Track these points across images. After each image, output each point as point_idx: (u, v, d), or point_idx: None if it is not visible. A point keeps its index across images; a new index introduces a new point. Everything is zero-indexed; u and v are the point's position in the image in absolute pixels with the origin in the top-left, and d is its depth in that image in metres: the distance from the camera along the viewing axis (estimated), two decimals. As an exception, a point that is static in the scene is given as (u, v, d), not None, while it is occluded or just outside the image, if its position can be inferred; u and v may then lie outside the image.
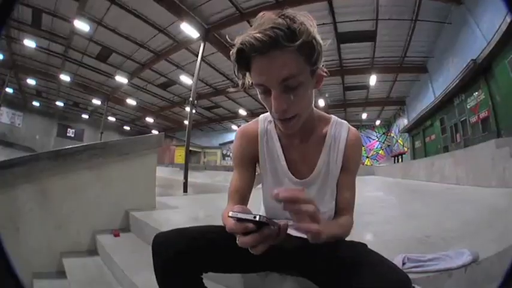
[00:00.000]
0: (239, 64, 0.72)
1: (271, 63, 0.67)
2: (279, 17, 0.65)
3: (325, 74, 0.78)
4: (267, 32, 0.63)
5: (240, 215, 0.57)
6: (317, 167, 0.92)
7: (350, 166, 0.93)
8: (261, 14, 0.68)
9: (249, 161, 0.98)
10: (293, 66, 0.67)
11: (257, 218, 0.55)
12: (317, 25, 0.69)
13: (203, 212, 2.88)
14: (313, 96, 0.82)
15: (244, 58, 0.70)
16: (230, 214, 0.57)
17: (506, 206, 2.72)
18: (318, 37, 0.69)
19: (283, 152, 0.95)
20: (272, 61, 0.66)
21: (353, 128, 0.96)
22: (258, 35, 0.63)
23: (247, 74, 0.75)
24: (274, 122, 0.95)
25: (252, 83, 0.76)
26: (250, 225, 0.56)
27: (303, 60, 0.69)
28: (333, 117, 0.97)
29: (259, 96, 0.76)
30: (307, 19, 0.67)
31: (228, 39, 0.74)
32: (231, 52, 0.71)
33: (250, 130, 0.99)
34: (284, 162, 0.94)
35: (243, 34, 0.67)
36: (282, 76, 0.67)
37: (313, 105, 0.87)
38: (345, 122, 0.97)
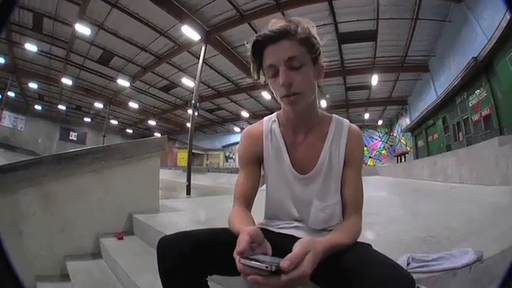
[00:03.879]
0: (254, 54, 0.87)
1: (279, 48, 0.83)
2: (287, 21, 0.85)
3: (324, 64, 0.92)
4: (278, 28, 0.83)
5: (253, 264, 0.55)
6: (319, 162, 0.96)
7: (352, 160, 0.96)
8: (272, 20, 0.87)
9: (255, 161, 1.01)
10: (296, 50, 0.83)
11: (269, 268, 0.54)
12: (318, 26, 0.89)
13: (207, 215, 2.88)
14: (315, 85, 0.92)
15: (259, 48, 0.86)
16: (242, 261, 0.58)
17: (509, 203, 2.70)
18: (317, 37, 0.88)
19: (287, 150, 0.98)
20: (280, 46, 0.83)
21: (354, 124, 1.02)
22: (271, 29, 0.83)
23: (261, 69, 0.90)
24: (278, 121, 1.02)
25: (264, 80, 0.91)
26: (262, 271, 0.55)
27: (304, 50, 0.84)
28: (334, 115, 1.03)
29: (268, 82, 0.89)
30: (309, 23, 0.87)
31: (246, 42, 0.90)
32: (247, 44, 0.87)
33: (255, 130, 1.04)
34: (288, 160, 0.98)
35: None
36: (287, 55, 0.83)
37: (317, 101, 0.96)
38: (346, 119, 1.03)
